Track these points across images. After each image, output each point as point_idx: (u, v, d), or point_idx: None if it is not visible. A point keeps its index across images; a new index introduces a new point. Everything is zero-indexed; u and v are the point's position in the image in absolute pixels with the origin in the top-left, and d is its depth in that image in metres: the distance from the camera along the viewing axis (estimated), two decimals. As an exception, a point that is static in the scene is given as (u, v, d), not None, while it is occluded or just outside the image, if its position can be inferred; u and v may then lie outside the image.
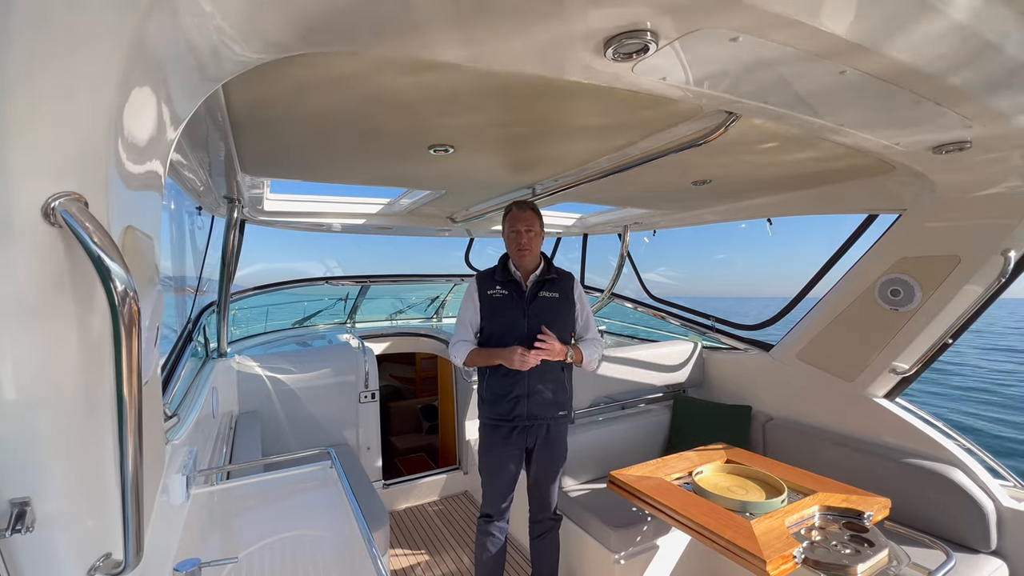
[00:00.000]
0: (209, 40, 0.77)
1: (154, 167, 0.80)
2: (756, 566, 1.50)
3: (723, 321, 3.52)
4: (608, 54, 0.93)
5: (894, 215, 2.30)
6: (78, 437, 0.65)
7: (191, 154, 1.65)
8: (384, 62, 1.10)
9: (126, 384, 0.57)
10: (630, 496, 2.01)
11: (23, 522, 0.58)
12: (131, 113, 0.65)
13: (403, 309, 5.52)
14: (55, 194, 0.53)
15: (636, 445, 2.99)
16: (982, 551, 2.03)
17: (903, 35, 0.91)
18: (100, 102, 0.59)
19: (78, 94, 0.56)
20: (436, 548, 2.99)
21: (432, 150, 1.76)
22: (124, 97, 0.61)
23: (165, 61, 0.72)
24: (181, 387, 1.94)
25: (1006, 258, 1.91)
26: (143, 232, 0.77)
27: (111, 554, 0.70)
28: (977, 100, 1.15)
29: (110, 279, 0.53)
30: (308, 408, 3.16)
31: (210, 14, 0.71)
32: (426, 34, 0.89)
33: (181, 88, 0.82)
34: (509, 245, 2.16)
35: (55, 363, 0.59)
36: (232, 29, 0.77)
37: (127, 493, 0.63)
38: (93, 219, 0.53)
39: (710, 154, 1.80)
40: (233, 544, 1.33)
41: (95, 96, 0.58)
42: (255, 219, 2.87)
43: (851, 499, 1.82)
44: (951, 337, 2.22)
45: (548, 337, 2.02)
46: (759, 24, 0.84)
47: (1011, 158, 1.55)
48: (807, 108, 1.25)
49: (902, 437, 2.35)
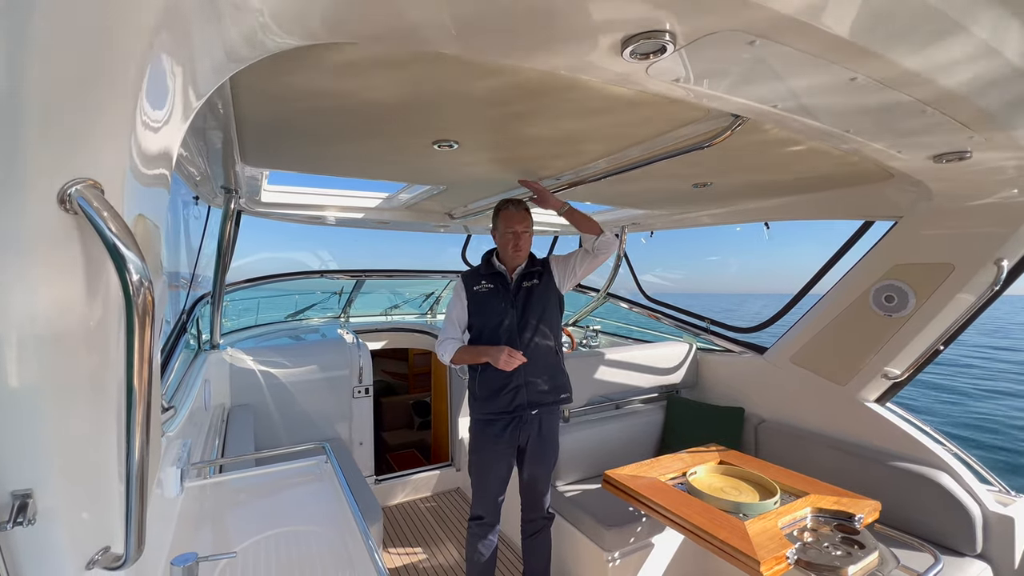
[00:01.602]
0: (244, 21, 0.75)
1: (167, 153, 0.77)
2: (750, 567, 1.51)
3: (718, 323, 3.55)
4: (625, 54, 0.93)
5: (890, 222, 2.33)
6: (81, 429, 0.63)
7: (191, 143, 1.63)
8: (392, 55, 1.08)
9: (136, 375, 0.56)
10: (625, 495, 2.02)
11: (25, 514, 0.56)
12: (151, 97, 0.63)
13: (398, 304, 5.50)
14: (71, 180, 0.51)
15: (630, 445, 3.01)
16: (968, 554, 2.07)
17: (921, 47, 0.91)
18: (123, 85, 0.56)
19: (101, 75, 0.54)
20: (428, 544, 2.98)
21: (436, 145, 1.75)
22: (146, 80, 0.59)
23: (196, 44, 0.69)
24: (174, 379, 1.91)
25: (999, 267, 1.94)
26: (152, 221, 0.75)
27: (110, 547, 0.69)
28: (982, 111, 1.16)
29: (125, 267, 0.52)
30: (301, 402, 3.14)
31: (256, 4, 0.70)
32: (456, 33, 0.88)
33: (206, 68, 0.80)
34: (504, 244, 2.16)
35: (62, 352, 0.57)
36: (270, 12, 0.75)
37: (131, 486, 0.62)
38: (110, 207, 0.52)
39: (713, 157, 1.80)
40: (228, 538, 1.31)
41: (118, 78, 0.55)
42: (252, 210, 2.83)
43: (842, 501, 1.85)
44: (943, 344, 2.25)
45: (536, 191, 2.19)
46: (778, 29, 0.84)
47: (1007, 169, 1.58)
48: (815, 114, 1.26)
49: (892, 441, 2.38)
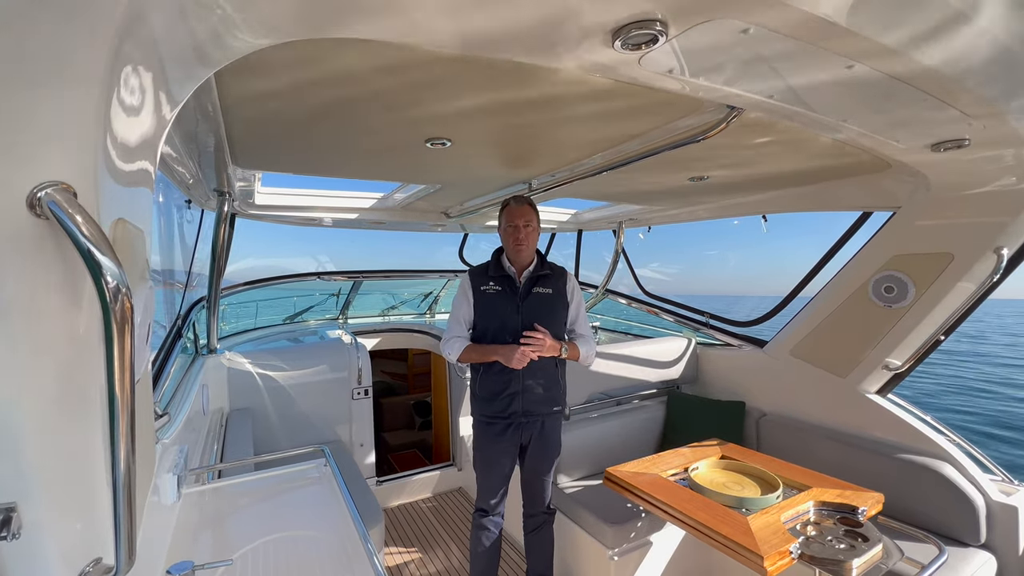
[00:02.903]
0: (209, 22, 0.74)
1: (146, 156, 0.76)
2: (753, 562, 1.50)
3: (717, 317, 3.53)
4: (616, 45, 0.91)
5: (888, 212, 2.32)
6: (66, 439, 0.62)
7: (181, 146, 1.61)
8: (381, 53, 1.06)
9: (118, 383, 0.54)
10: (626, 492, 2.01)
11: (8, 528, 0.55)
12: (124, 97, 0.61)
13: (396, 305, 5.48)
14: (41, 184, 0.49)
15: (631, 441, 3.00)
16: (971, 544, 2.06)
17: (920, 34, 0.90)
18: (91, 84, 0.55)
19: (67, 74, 0.53)
20: (430, 544, 2.98)
21: (429, 143, 1.73)
22: (117, 79, 0.58)
23: (162, 42, 0.68)
24: (170, 385, 1.90)
25: (999, 255, 1.93)
26: (134, 225, 0.73)
27: (101, 559, 0.68)
28: (981, 98, 1.15)
29: (101, 274, 0.50)
30: (300, 405, 3.12)
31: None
32: (433, 19, 0.86)
33: (177, 73, 0.79)
34: (506, 239, 2.14)
35: (41, 362, 0.56)
36: (234, 11, 0.74)
37: (119, 496, 0.60)
38: (82, 210, 0.50)
39: (708, 150, 1.79)
40: (227, 544, 1.30)
41: (86, 77, 0.54)
42: (246, 213, 2.81)
43: (845, 494, 1.84)
44: (943, 334, 2.24)
45: (538, 334, 2.00)
46: (773, 16, 0.83)
47: (1005, 157, 1.56)
48: (811, 103, 1.24)
49: (894, 433, 2.38)
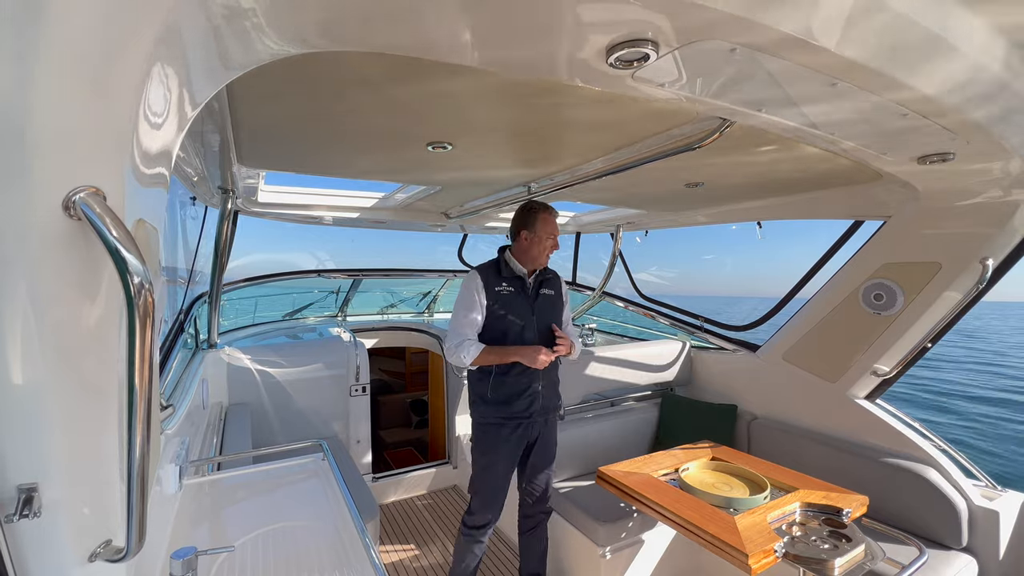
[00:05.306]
0: (240, 29, 0.77)
1: (165, 158, 0.80)
2: (739, 560, 1.54)
3: (711, 321, 3.58)
4: (610, 61, 0.95)
5: (879, 222, 2.37)
6: (84, 424, 0.65)
7: (187, 144, 1.64)
8: (386, 59, 1.11)
9: (138, 374, 0.58)
10: (618, 491, 2.05)
11: (31, 507, 0.59)
12: (152, 103, 0.65)
13: (395, 303, 5.51)
14: (76, 188, 0.54)
15: (624, 442, 3.04)
16: (954, 548, 2.11)
17: (896, 55, 0.94)
18: (128, 92, 0.59)
19: (109, 85, 0.56)
20: (424, 541, 3.01)
21: (431, 147, 1.77)
22: (148, 86, 0.61)
23: (191, 49, 0.71)
24: (173, 377, 1.93)
25: (984, 266, 1.97)
26: (151, 224, 0.77)
27: (112, 541, 0.71)
28: (961, 115, 1.19)
29: (127, 271, 0.54)
30: (298, 401, 3.15)
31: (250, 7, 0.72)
32: (453, 39, 0.90)
33: (201, 78, 0.82)
34: (539, 246, 2.11)
35: (65, 352, 0.59)
36: (265, 19, 0.77)
37: (133, 481, 0.63)
38: (111, 212, 0.54)
39: (703, 157, 1.83)
40: (226, 534, 1.33)
41: (125, 87, 0.58)
42: (249, 210, 2.84)
43: (831, 496, 1.88)
44: (930, 341, 2.29)
45: (564, 336, 2.11)
46: (756, 39, 0.87)
47: (992, 170, 1.61)
48: (799, 116, 1.29)
49: (881, 437, 2.42)
